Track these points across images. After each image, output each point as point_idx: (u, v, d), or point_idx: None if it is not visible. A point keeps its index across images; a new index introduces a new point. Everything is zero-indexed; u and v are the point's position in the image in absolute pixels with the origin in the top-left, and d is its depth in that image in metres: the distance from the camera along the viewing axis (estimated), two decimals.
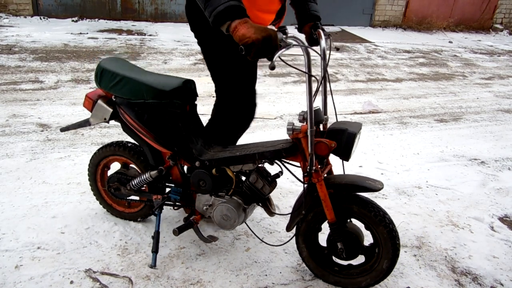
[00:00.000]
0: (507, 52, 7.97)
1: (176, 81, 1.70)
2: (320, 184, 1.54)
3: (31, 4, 7.12)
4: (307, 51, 1.47)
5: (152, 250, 1.78)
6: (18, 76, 4.32)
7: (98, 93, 1.88)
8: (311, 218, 1.68)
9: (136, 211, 2.06)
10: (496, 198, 2.59)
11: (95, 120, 1.89)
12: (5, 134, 2.99)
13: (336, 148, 1.51)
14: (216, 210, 1.73)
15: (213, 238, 1.86)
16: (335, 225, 1.61)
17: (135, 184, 1.89)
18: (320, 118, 1.55)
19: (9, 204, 2.16)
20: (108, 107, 1.83)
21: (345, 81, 5.15)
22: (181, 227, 1.77)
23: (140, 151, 1.94)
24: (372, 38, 8.06)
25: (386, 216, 1.58)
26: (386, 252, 1.59)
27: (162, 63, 5.19)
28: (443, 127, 3.85)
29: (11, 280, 1.67)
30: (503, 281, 1.87)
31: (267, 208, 1.81)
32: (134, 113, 1.77)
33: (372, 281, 1.66)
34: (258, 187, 1.68)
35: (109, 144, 1.97)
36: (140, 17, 7.86)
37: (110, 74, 1.78)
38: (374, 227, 1.59)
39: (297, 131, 1.53)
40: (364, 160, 2.98)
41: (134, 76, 1.75)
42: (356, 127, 1.55)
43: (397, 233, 1.59)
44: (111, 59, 1.93)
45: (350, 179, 1.61)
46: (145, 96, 1.71)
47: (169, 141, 1.75)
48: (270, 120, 3.62)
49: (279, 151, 1.59)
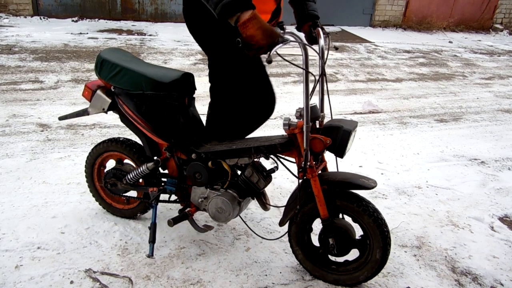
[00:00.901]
0: (507, 52, 7.97)
1: (175, 73, 1.72)
2: (314, 180, 1.56)
3: (31, 4, 7.12)
4: (305, 48, 1.48)
5: (149, 240, 1.79)
6: (18, 76, 4.32)
7: (97, 84, 1.89)
8: (299, 219, 1.70)
9: (135, 206, 2.07)
10: (496, 198, 2.59)
11: (94, 110, 1.89)
12: (5, 134, 2.99)
13: (331, 145, 1.53)
14: (211, 202, 1.74)
15: (208, 227, 1.87)
16: (328, 221, 1.62)
17: (131, 178, 1.90)
18: (316, 115, 1.57)
19: (9, 204, 2.16)
20: (107, 98, 1.84)
21: (345, 81, 5.15)
22: (176, 218, 1.80)
23: (132, 143, 1.96)
24: (372, 38, 8.05)
25: (369, 205, 1.60)
26: (376, 241, 1.60)
27: (162, 63, 5.19)
28: (443, 127, 3.85)
29: (11, 280, 1.67)
30: (503, 281, 1.87)
31: (262, 203, 1.82)
32: (133, 104, 1.78)
33: (369, 274, 1.66)
34: (253, 181, 1.70)
35: (101, 142, 1.99)
36: (140, 17, 7.86)
37: (110, 65, 1.79)
38: (359, 218, 1.61)
39: (293, 127, 1.54)
40: (364, 160, 2.98)
41: (134, 67, 1.76)
42: (351, 125, 1.57)
43: (384, 220, 1.60)
44: (111, 49, 1.95)
45: (343, 176, 1.63)
46: (144, 88, 1.72)
47: (166, 132, 1.77)
48: (270, 120, 3.61)
49: (275, 145, 1.60)
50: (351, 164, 2.89)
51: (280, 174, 1.67)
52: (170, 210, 2.20)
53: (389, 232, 1.61)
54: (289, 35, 1.47)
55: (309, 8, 1.84)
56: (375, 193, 2.52)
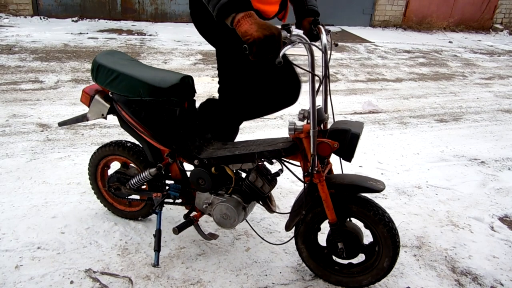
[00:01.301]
0: (507, 52, 7.97)
1: (173, 77, 1.66)
2: (321, 185, 1.53)
3: (31, 4, 7.12)
4: (311, 50, 1.43)
5: (154, 249, 1.77)
6: (18, 76, 4.32)
7: (95, 88, 1.85)
8: (310, 219, 1.68)
9: (137, 210, 2.05)
10: (496, 198, 2.59)
11: (93, 116, 1.86)
12: (5, 134, 2.99)
13: (339, 149, 1.49)
14: (216, 209, 1.72)
15: (213, 235, 1.86)
16: (336, 225, 1.60)
17: (134, 183, 1.88)
18: (322, 118, 1.54)
19: (9, 204, 2.16)
20: (105, 103, 1.80)
21: (345, 81, 5.15)
22: (181, 226, 1.76)
23: (139, 150, 1.92)
24: (372, 38, 8.05)
25: (385, 214, 1.58)
26: (386, 251, 1.58)
27: (162, 63, 5.19)
28: (443, 127, 3.85)
29: (11, 280, 1.67)
30: (503, 281, 1.87)
31: (268, 206, 1.80)
32: (131, 110, 1.74)
33: (373, 279, 1.66)
34: (258, 186, 1.67)
35: (108, 144, 1.96)
36: (140, 17, 7.86)
37: (106, 70, 1.74)
38: (373, 226, 1.59)
39: (299, 131, 1.49)
40: (364, 160, 2.98)
41: (131, 72, 1.71)
42: (358, 127, 1.53)
43: (397, 231, 1.59)
44: (107, 52, 1.90)
45: (351, 179, 1.59)
46: (142, 94, 1.68)
47: (167, 139, 1.74)
48: (270, 120, 3.62)
49: (279, 151, 1.57)
50: (351, 164, 2.89)
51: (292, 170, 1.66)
52: (170, 210, 2.20)
53: (400, 243, 1.59)
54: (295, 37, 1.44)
55: (309, 3, 1.80)
56: (375, 193, 2.52)
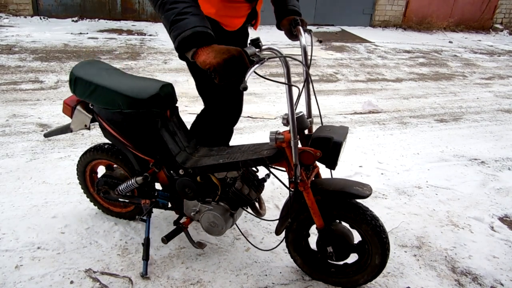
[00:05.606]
0: (507, 52, 7.97)
1: (153, 87, 1.60)
2: (307, 192, 1.52)
3: (31, 4, 7.12)
4: (286, 62, 1.42)
5: (143, 258, 1.75)
6: (18, 76, 4.32)
7: (76, 99, 1.81)
8: (296, 227, 1.68)
9: (133, 209, 2.05)
10: (496, 198, 2.59)
11: (76, 127, 1.83)
12: (5, 134, 2.99)
13: (322, 157, 1.47)
14: (203, 217, 1.71)
15: (200, 245, 1.82)
16: (324, 231, 1.60)
17: (122, 189, 1.86)
18: (304, 125, 1.51)
19: (9, 204, 2.16)
20: (87, 114, 1.77)
21: (345, 81, 5.15)
22: (169, 234, 1.75)
23: (118, 150, 1.89)
24: (372, 38, 8.05)
25: (367, 213, 1.56)
26: (375, 248, 1.59)
27: (162, 63, 5.19)
28: (443, 127, 3.85)
29: (11, 280, 1.67)
30: (503, 281, 1.87)
31: (256, 211, 1.80)
32: (113, 122, 1.70)
33: (369, 277, 1.66)
34: (244, 193, 1.65)
35: (88, 150, 1.95)
36: (140, 17, 7.86)
37: (84, 83, 1.68)
38: (357, 226, 1.59)
39: (280, 140, 1.45)
40: (364, 160, 2.98)
41: (109, 84, 1.65)
42: (342, 133, 1.50)
43: (382, 227, 1.57)
44: (84, 63, 1.83)
45: (337, 185, 1.57)
46: (121, 106, 1.62)
47: (150, 149, 1.70)
48: (270, 120, 3.62)
49: (263, 159, 1.53)
50: (351, 164, 2.89)
51: (280, 174, 1.66)
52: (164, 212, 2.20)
53: (387, 238, 1.59)
54: (267, 51, 1.41)
55: (289, 3, 1.79)
56: (375, 193, 2.52)
